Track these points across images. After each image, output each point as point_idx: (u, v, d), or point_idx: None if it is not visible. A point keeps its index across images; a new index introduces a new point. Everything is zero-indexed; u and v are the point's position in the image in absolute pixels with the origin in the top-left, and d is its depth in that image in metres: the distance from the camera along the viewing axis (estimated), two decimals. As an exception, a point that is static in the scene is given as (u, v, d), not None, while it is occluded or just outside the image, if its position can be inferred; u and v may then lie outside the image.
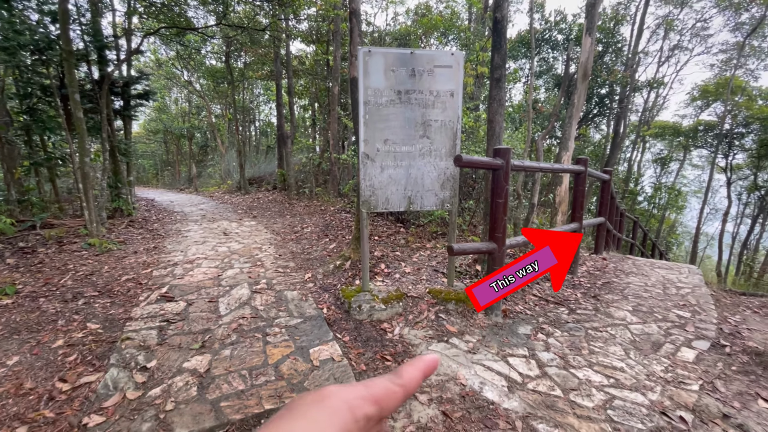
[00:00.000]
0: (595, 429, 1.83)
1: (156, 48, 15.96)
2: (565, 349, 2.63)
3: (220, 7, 8.40)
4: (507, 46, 3.81)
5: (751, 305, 3.97)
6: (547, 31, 13.72)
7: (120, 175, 7.35)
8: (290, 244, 5.52)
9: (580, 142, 15.65)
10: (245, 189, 12.21)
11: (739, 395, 2.15)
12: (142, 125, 22.63)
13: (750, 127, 15.32)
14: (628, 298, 3.73)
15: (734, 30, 15.74)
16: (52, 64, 5.81)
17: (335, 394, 0.29)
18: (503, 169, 2.82)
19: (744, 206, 18.70)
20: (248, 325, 2.90)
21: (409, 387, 0.32)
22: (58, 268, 4.13)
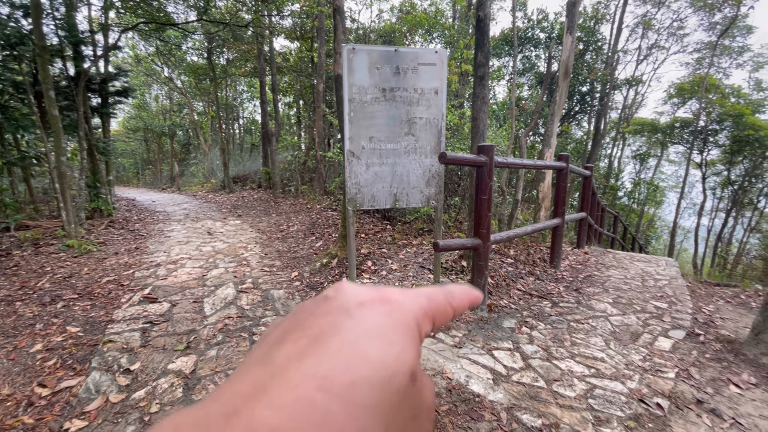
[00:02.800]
0: (576, 417, 1.89)
1: (135, 44, 15.56)
2: (548, 341, 2.70)
3: (201, 2, 8.23)
4: (490, 44, 3.85)
5: (724, 295, 4.14)
6: (530, 30, 13.91)
7: (98, 174, 7.16)
8: (276, 242, 5.48)
9: (563, 139, 15.94)
10: (230, 188, 12.05)
11: (712, 381, 2.25)
12: (121, 123, 22.04)
13: (723, 123, 15.86)
14: (609, 291, 3.84)
15: (708, 30, 16.26)
16: (24, 59, 5.61)
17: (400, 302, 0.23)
18: (487, 166, 2.86)
19: (718, 200, 19.38)
20: (234, 324, 2.88)
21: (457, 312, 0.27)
22: (35, 271, 4.01)
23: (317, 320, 0.21)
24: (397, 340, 0.21)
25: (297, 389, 0.17)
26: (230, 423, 0.16)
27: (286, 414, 0.16)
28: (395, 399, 0.19)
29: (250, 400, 0.17)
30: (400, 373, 0.20)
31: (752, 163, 16.28)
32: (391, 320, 0.22)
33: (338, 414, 0.17)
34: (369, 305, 0.22)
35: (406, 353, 0.21)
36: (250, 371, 0.19)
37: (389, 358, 0.20)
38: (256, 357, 0.21)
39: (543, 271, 4.32)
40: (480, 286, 3.09)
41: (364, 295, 0.23)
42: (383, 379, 0.19)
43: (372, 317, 0.22)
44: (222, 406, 0.17)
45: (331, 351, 0.19)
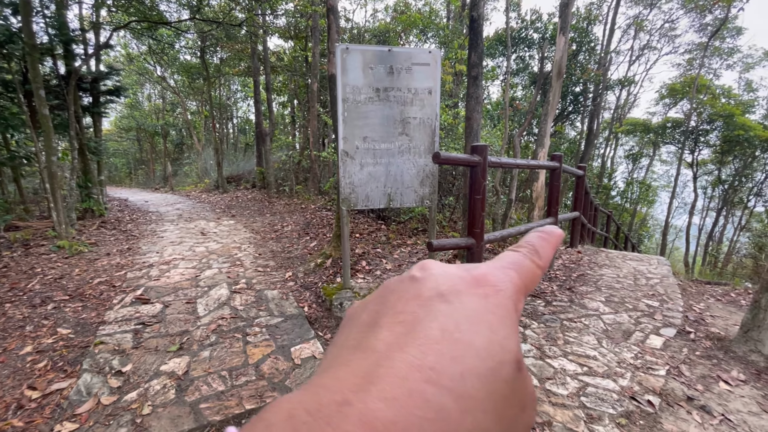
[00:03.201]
0: (569, 415, 1.90)
1: (126, 42, 15.42)
2: (541, 340, 2.71)
3: (194, 1, 8.18)
4: (484, 44, 3.87)
5: (715, 293, 4.19)
6: (524, 30, 13.98)
7: (90, 174, 7.08)
8: (270, 242, 5.46)
9: (556, 139, 16.05)
10: (223, 188, 11.98)
11: (702, 378, 2.28)
12: (113, 122, 21.81)
13: (714, 123, 16.06)
14: (602, 290, 3.87)
15: (699, 31, 16.44)
16: (14, 58, 5.53)
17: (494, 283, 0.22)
18: (481, 166, 2.87)
19: (709, 200, 19.62)
20: (228, 325, 2.87)
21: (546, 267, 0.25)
22: (25, 272, 3.96)
23: (409, 304, 0.20)
24: (498, 327, 0.20)
25: (406, 381, 0.16)
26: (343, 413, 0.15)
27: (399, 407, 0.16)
28: (505, 390, 0.18)
29: (359, 390, 0.16)
30: (506, 362, 0.19)
31: (742, 162, 16.51)
32: (490, 304, 0.20)
33: (452, 409, 0.16)
34: (463, 289, 0.21)
35: (510, 340, 0.19)
36: (351, 358, 0.19)
37: (494, 347, 0.19)
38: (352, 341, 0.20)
39: (536, 271, 4.34)
40: (474, 286, 3.09)
41: (455, 276, 0.22)
42: (491, 369, 0.18)
43: (469, 302, 0.20)
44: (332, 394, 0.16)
45: (433, 339, 0.18)
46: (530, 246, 0.25)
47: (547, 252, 0.25)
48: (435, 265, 0.23)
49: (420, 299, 0.20)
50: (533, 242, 0.25)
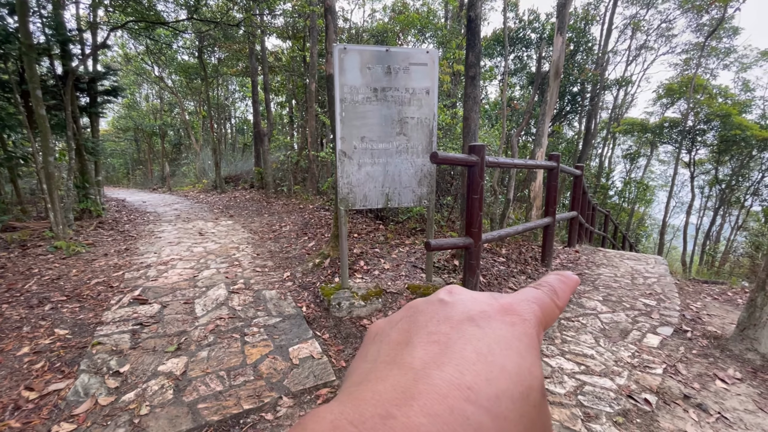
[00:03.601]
0: (566, 414, 1.91)
1: (124, 42, 15.38)
2: (539, 339, 2.72)
3: (192, 1, 8.16)
4: (481, 44, 3.88)
5: (712, 292, 4.21)
6: (521, 30, 14.00)
7: (87, 174, 7.06)
8: (268, 243, 5.45)
9: (554, 139, 16.08)
10: (221, 188, 11.96)
11: (698, 377, 2.29)
12: (110, 123, 21.76)
13: (711, 123, 16.12)
14: (599, 289, 3.88)
15: (696, 31, 16.50)
16: (10, 58, 5.51)
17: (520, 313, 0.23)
18: (478, 166, 2.87)
19: (706, 199, 19.70)
20: (226, 325, 2.86)
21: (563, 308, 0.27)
22: (22, 273, 3.94)
23: (441, 326, 0.21)
24: (526, 354, 0.20)
25: (447, 399, 0.17)
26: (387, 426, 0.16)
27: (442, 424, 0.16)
28: (533, 414, 0.19)
29: (402, 404, 0.17)
30: (535, 388, 0.19)
31: (739, 162, 16.58)
32: (517, 332, 0.21)
33: (489, 428, 0.17)
34: (493, 315, 0.22)
35: (536, 367, 0.20)
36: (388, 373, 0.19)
37: (524, 372, 0.19)
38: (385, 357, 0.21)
39: (534, 270, 4.36)
40: (472, 285, 3.10)
41: (484, 303, 0.23)
42: (522, 393, 0.19)
43: (499, 328, 0.21)
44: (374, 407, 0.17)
45: (468, 360, 0.19)
46: (550, 286, 0.26)
47: (565, 293, 0.27)
48: (463, 291, 0.24)
49: (451, 321, 0.21)
50: (553, 283, 0.27)
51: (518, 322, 0.22)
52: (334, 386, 2.14)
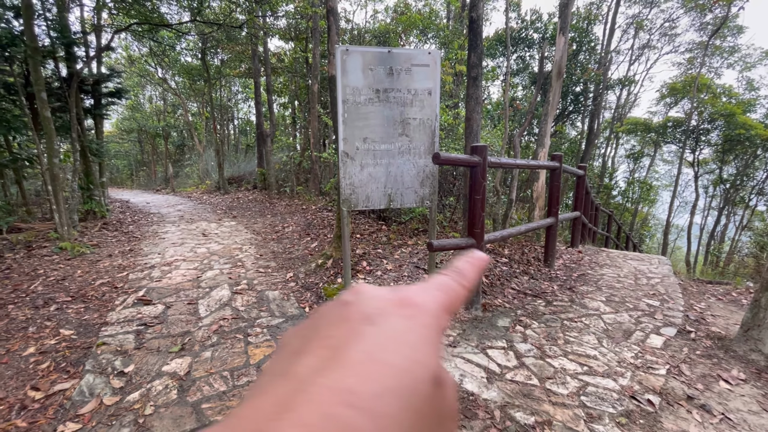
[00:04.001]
0: (569, 415, 1.91)
1: (128, 44, 15.46)
2: (542, 339, 2.72)
3: (195, 3, 8.21)
4: (483, 45, 3.88)
5: (716, 293, 4.19)
6: (524, 30, 13.99)
7: (92, 176, 7.11)
8: (271, 243, 5.47)
9: (557, 139, 16.05)
10: (224, 189, 12.00)
11: (702, 377, 2.28)
12: (114, 124, 21.87)
13: (715, 123, 16.04)
14: (602, 289, 3.87)
15: (699, 30, 16.42)
16: (16, 61, 5.56)
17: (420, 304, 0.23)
18: (480, 166, 2.88)
19: (710, 199, 19.58)
20: (229, 326, 2.88)
21: (472, 288, 0.27)
22: (28, 274, 3.98)
23: (337, 328, 0.21)
24: (420, 346, 0.21)
25: (323, 406, 0.17)
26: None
27: None
28: (421, 406, 0.19)
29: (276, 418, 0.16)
30: (424, 380, 0.20)
31: (743, 161, 16.48)
32: (414, 324, 0.22)
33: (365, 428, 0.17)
34: (390, 310, 0.22)
35: (430, 357, 0.20)
36: (271, 385, 0.19)
37: (414, 366, 0.20)
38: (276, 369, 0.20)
39: (537, 270, 4.35)
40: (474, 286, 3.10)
41: (383, 299, 0.23)
42: (408, 387, 0.19)
43: (395, 323, 0.21)
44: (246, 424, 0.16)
45: (355, 362, 0.19)
46: (456, 269, 0.27)
47: (472, 274, 0.27)
48: (366, 289, 0.24)
49: (348, 323, 0.21)
50: (459, 266, 0.28)
51: (416, 314, 0.22)
52: (337, 386, 2.14)
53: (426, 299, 0.23)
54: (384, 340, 0.20)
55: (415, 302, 0.23)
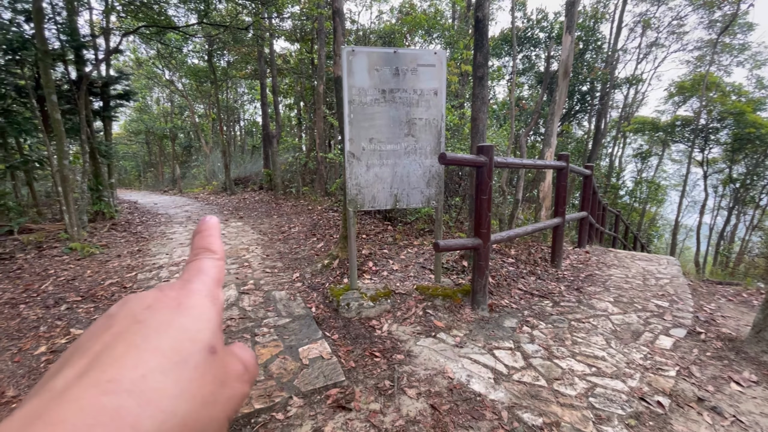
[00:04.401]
0: (577, 416, 1.89)
1: (136, 47, 15.62)
2: (549, 340, 2.70)
3: (201, 6, 8.28)
4: (489, 44, 3.87)
5: (726, 294, 4.13)
6: (529, 29, 13.92)
7: (101, 177, 7.20)
8: (278, 244, 5.50)
9: (563, 139, 15.94)
10: (231, 190, 12.08)
11: (713, 379, 2.25)
12: (122, 126, 22.11)
13: (724, 121, 15.82)
14: (610, 290, 3.84)
15: (708, 27, 16.22)
16: (26, 64, 5.65)
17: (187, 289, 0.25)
18: (487, 166, 2.87)
19: (720, 198, 19.31)
20: (236, 326, 2.90)
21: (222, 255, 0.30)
22: (39, 274, 4.03)
23: (99, 339, 0.22)
24: (190, 325, 0.23)
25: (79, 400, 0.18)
26: None
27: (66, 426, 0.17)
28: (194, 375, 0.21)
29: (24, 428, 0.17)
30: (195, 352, 0.22)
31: (754, 160, 16.23)
32: (183, 309, 0.24)
33: (130, 406, 0.18)
34: (157, 305, 0.24)
35: (201, 333, 0.23)
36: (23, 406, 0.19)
37: (183, 344, 0.22)
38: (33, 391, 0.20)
39: (544, 271, 4.33)
40: (481, 286, 3.10)
41: (150, 298, 0.24)
42: (177, 363, 0.21)
43: (161, 315, 0.23)
44: None
45: (116, 357, 0.20)
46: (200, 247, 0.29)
47: (214, 243, 0.30)
48: (133, 296, 0.25)
49: (113, 329, 0.22)
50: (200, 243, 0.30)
51: (184, 297, 0.24)
52: (344, 386, 2.15)
53: (193, 284, 0.26)
54: (150, 330, 0.22)
55: (180, 290, 0.25)
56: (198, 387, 0.21)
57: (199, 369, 0.22)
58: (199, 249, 0.29)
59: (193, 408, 0.20)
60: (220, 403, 0.22)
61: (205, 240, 0.30)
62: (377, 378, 2.22)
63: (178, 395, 0.20)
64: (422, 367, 2.31)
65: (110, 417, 0.18)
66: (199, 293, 0.25)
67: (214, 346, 0.23)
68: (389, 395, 2.05)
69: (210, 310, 0.25)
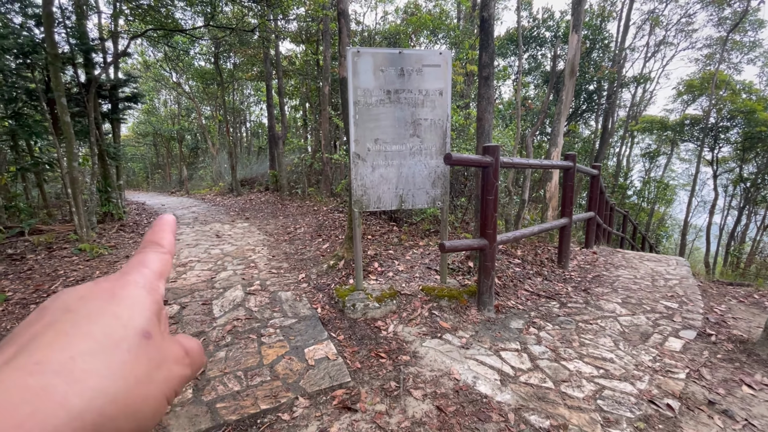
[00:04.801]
0: (585, 419, 1.87)
1: (143, 50, 15.81)
2: (556, 342, 2.68)
3: (208, 8, 8.34)
4: (495, 44, 3.85)
5: (737, 295, 4.06)
6: (535, 29, 13.84)
7: (109, 179, 7.28)
8: (283, 244, 5.52)
9: (570, 138, 15.82)
10: (237, 191, 12.15)
11: (724, 382, 2.22)
12: (131, 128, 22.37)
13: (734, 120, 15.60)
14: (618, 291, 3.80)
15: (717, 25, 16.01)
16: (37, 67, 5.73)
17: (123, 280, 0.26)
18: (492, 166, 2.86)
19: (730, 198, 19.04)
20: (243, 326, 2.91)
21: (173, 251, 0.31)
22: (49, 275, 4.09)
23: (31, 328, 0.22)
24: (122, 313, 0.24)
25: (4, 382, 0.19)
26: None
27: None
28: (126, 357, 0.22)
29: None
30: (127, 337, 0.23)
31: (765, 159, 15.97)
32: (116, 298, 0.24)
33: (57, 384, 0.19)
34: (91, 296, 0.24)
35: (134, 320, 0.24)
36: None
37: (115, 330, 0.23)
38: None
39: (551, 272, 4.29)
40: (487, 287, 3.08)
41: (85, 289, 0.25)
42: (108, 346, 0.22)
43: (94, 304, 0.24)
44: None
45: (44, 344, 0.21)
46: (149, 241, 0.30)
47: (165, 238, 0.31)
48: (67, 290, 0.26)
49: (44, 319, 0.23)
50: (150, 237, 0.31)
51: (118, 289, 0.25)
52: (350, 387, 2.15)
53: (131, 276, 0.27)
54: (80, 318, 0.22)
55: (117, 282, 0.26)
56: (130, 368, 0.22)
57: (132, 351, 0.22)
58: (147, 242, 0.30)
59: (124, 386, 0.21)
60: (156, 383, 0.23)
61: (156, 235, 0.31)
62: (383, 379, 2.22)
63: (108, 375, 0.21)
64: (428, 369, 2.30)
65: (36, 395, 0.18)
66: (135, 284, 0.26)
67: (149, 331, 0.24)
68: (395, 396, 2.05)
69: (145, 299, 0.25)
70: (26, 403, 0.18)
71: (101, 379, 0.20)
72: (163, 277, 0.29)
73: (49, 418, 0.18)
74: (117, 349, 0.22)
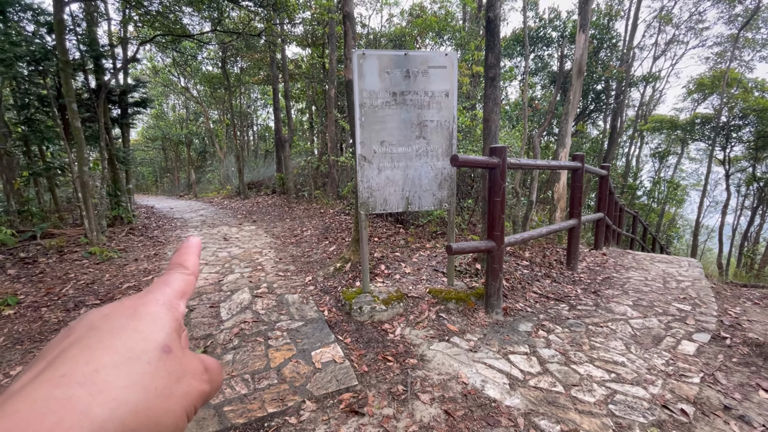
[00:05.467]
0: (596, 424, 1.84)
1: (152, 55, 16.01)
2: (566, 345, 2.64)
3: (215, 14, 8.43)
4: (501, 44, 3.83)
5: (752, 297, 3.97)
6: (542, 29, 13.75)
7: (119, 183, 7.37)
8: (290, 247, 5.53)
9: (578, 139, 15.67)
10: (244, 194, 12.23)
11: (740, 386, 2.16)
12: (140, 133, 22.68)
13: (747, 119, 15.33)
14: (629, 293, 3.74)
15: (729, 22, 15.78)
16: (48, 74, 5.83)
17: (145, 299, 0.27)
18: (500, 168, 2.83)
19: (743, 198, 18.71)
20: (250, 329, 2.91)
21: (197, 273, 0.33)
22: (60, 278, 4.14)
23: (56, 347, 0.24)
24: (143, 328, 0.25)
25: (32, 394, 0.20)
26: None
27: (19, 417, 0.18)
28: (147, 369, 0.23)
29: None
30: (148, 351, 0.24)
31: (779, 158, 15.67)
32: (138, 315, 0.25)
33: (81, 395, 0.20)
34: (113, 314, 0.25)
35: (155, 335, 0.25)
36: None
37: (137, 344, 0.24)
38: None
39: (559, 274, 4.24)
40: (494, 289, 3.05)
41: (109, 308, 0.26)
42: (130, 359, 0.23)
43: (117, 321, 0.25)
44: None
45: (69, 357, 0.22)
46: (174, 263, 0.32)
47: (189, 260, 0.32)
48: (93, 310, 0.27)
49: (70, 337, 0.24)
50: (176, 260, 0.32)
51: (140, 306, 0.26)
52: (357, 391, 2.13)
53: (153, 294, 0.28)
54: (103, 333, 0.24)
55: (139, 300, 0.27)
56: (151, 379, 0.23)
57: (152, 364, 0.23)
58: (173, 264, 0.32)
59: (145, 398, 0.22)
60: (176, 396, 0.24)
61: (181, 257, 0.33)
62: (390, 383, 2.20)
63: (130, 386, 0.22)
64: (436, 372, 2.28)
65: (61, 405, 0.19)
66: (156, 301, 0.27)
67: (169, 346, 0.25)
68: (402, 400, 2.03)
69: (165, 315, 0.26)
70: (52, 413, 0.19)
71: (123, 390, 0.21)
72: (185, 296, 0.30)
73: (74, 428, 0.19)
74: (138, 361, 0.23)
